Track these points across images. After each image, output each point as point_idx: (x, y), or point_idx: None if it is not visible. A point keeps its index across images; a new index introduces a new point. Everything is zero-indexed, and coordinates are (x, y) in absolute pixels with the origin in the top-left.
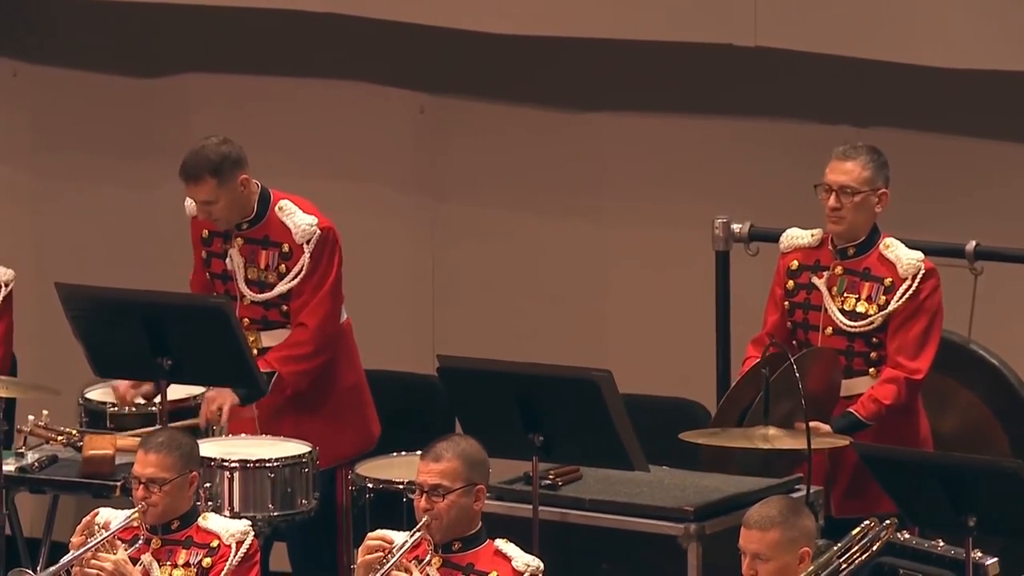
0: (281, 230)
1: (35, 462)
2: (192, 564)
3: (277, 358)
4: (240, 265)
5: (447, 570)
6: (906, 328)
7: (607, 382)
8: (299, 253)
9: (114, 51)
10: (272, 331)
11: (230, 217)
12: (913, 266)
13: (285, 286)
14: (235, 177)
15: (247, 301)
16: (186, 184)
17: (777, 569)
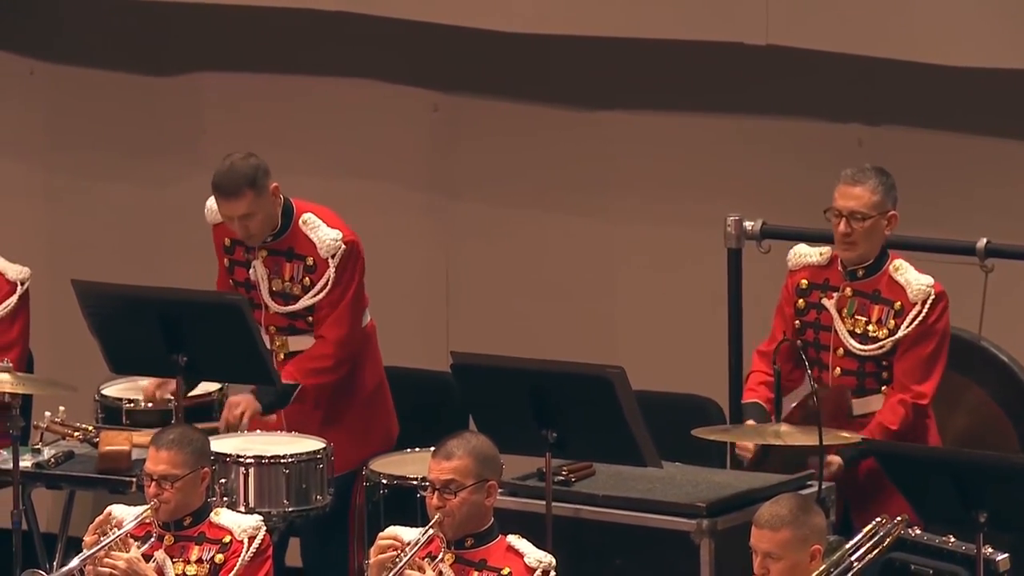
0: (305, 243)
1: (52, 458)
2: (205, 560)
3: (301, 370)
4: (264, 277)
5: (460, 566)
6: (914, 351)
7: (620, 379)
8: (324, 267)
9: (129, 50)
10: (299, 336)
11: (265, 230)
12: (923, 291)
13: (310, 300)
14: (268, 187)
15: (270, 310)
16: (225, 200)
17: (788, 567)
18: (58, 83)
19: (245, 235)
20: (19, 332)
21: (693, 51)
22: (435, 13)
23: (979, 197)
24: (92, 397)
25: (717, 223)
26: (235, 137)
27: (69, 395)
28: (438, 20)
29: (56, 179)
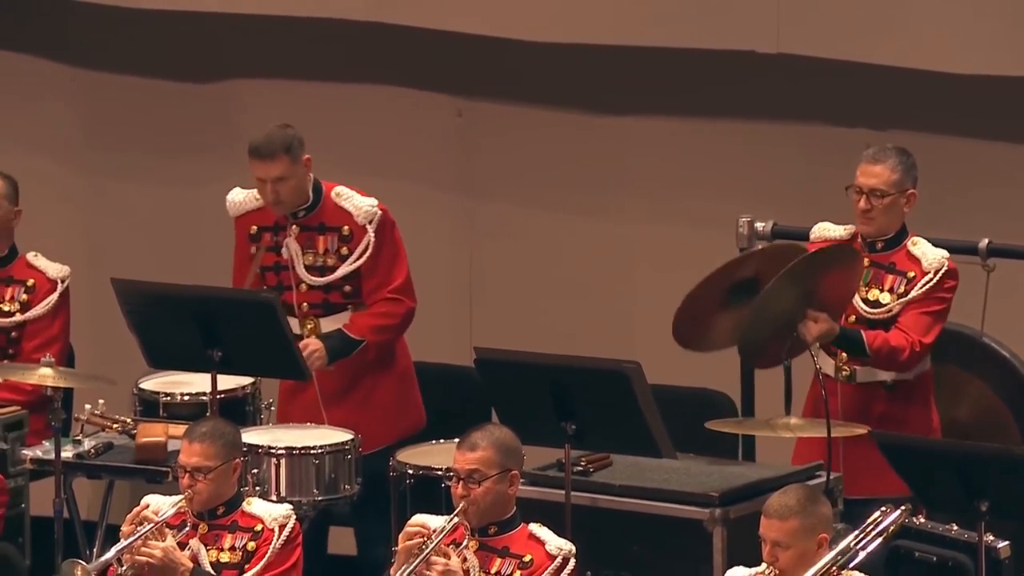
0: (338, 214)
1: (91, 449)
2: (237, 548)
3: (369, 327)
4: (297, 252)
5: (483, 553)
6: (918, 308)
7: (637, 373)
8: (361, 234)
9: (165, 58)
10: (333, 315)
11: (295, 199)
12: (938, 261)
13: (350, 266)
14: (302, 157)
15: (304, 288)
16: (261, 162)
17: (797, 555)
18: (97, 90)
19: (275, 200)
20: (60, 328)
21: (706, 59)
22: (459, 23)
23: (981, 198)
24: (130, 391)
25: (729, 224)
26: None
27: (108, 389)
28: (462, 30)
29: (96, 181)
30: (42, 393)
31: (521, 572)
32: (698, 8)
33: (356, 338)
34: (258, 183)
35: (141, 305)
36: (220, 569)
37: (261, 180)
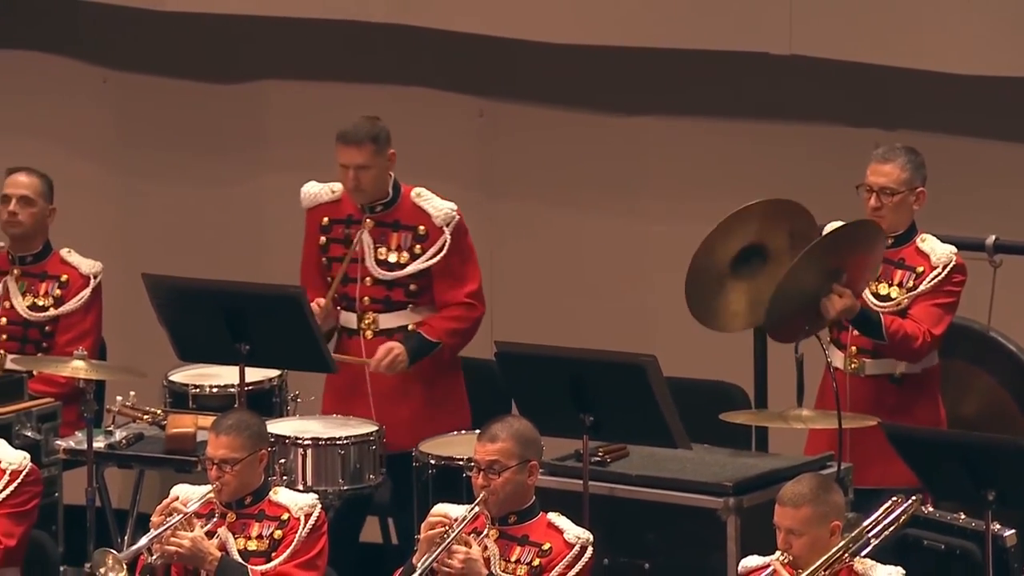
0: (416, 214)
1: (123, 439)
2: (264, 536)
3: (445, 330)
4: (370, 246)
5: (503, 542)
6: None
7: (653, 366)
8: (437, 235)
9: (195, 59)
10: (392, 313)
11: (374, 190)
12: (946, 256)
13: (422, 264)
14: (387, 148)
15: (369, 281)
16: (346, 147)
17: (810, 543)
18: (129, 91)
19: (355, 187)
20: (93, 322)
21: (720, 60)
22: (480, 25)
23: (988, 197)
24: (160, 383)
25: None
26: (295, 141)
27: (139, 381)
28: (483, 32)
29: (128, 180)
30: (75, 385)
31: (540, 560)
32: (713, 11)
33: (433, 340)
34: (341, 170)
35: (171, 300)
36: (248, 557)
37: (344, 166)
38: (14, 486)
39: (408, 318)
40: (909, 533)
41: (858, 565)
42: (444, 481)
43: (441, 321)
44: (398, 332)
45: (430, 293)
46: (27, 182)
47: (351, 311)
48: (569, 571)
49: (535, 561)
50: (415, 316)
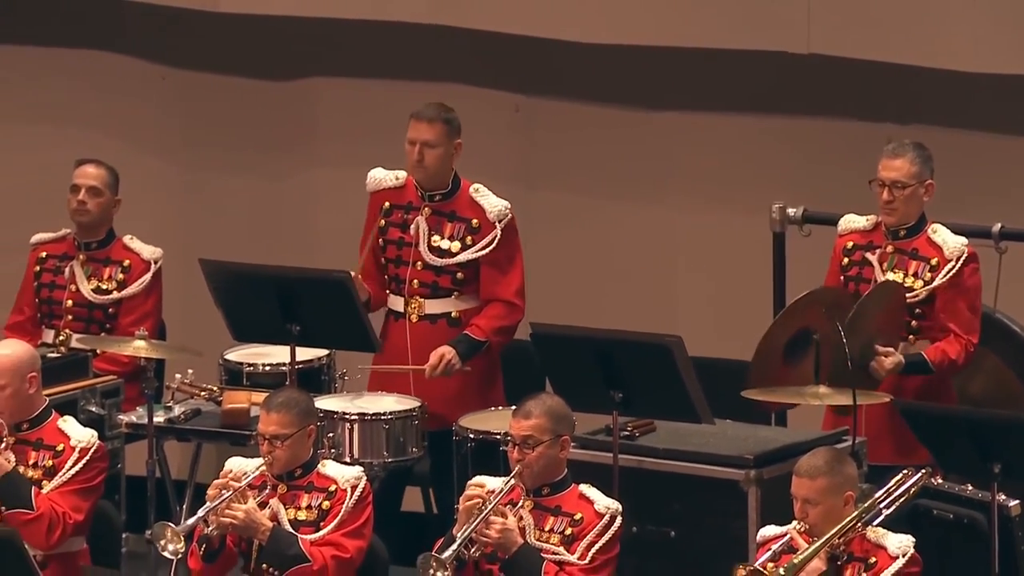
0: (471, 207)
1: (181, 414)
2: (313, 507)
3: (491, 329)
4: (424, 232)
5: (538, 512)
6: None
7: (678, 346)
8: (489, 229)
9: (250, 58)
10: (437, 299)
11: (436, 170)
12: (958, 249)
13: (472, 255)
14: (455, 137)
15: (420, 266)
16: (418, 123)
17: (825, 512)
18: (188, 88)
19: (418, 161)
20: (153, 305)
21: (743, 59)
22: (517, 26)
23: (995, 187)
24: (217, 361)
25: (763, 210)
26: (344, 135)
27: (197, 359)
28: (520, 32)
29: (188, 172)
30: (136, 363)
31: (572, 529)
32: (735, 12)
33: (481, 339)
34: (408, 146)
35: (226, 283)
36: (297, 526)
37: (412, 142)
38: (83, 463)
39: (452, 305)
40: (920, 503)
41: (871, 533)
42: (482, 454)
43: (486, 321)
44: (441, 318)
45: (475, 284)
46: (95, 173)
47: (399, 295)
48: (599, 539)
49: (567, 530)
50: (458, 304)
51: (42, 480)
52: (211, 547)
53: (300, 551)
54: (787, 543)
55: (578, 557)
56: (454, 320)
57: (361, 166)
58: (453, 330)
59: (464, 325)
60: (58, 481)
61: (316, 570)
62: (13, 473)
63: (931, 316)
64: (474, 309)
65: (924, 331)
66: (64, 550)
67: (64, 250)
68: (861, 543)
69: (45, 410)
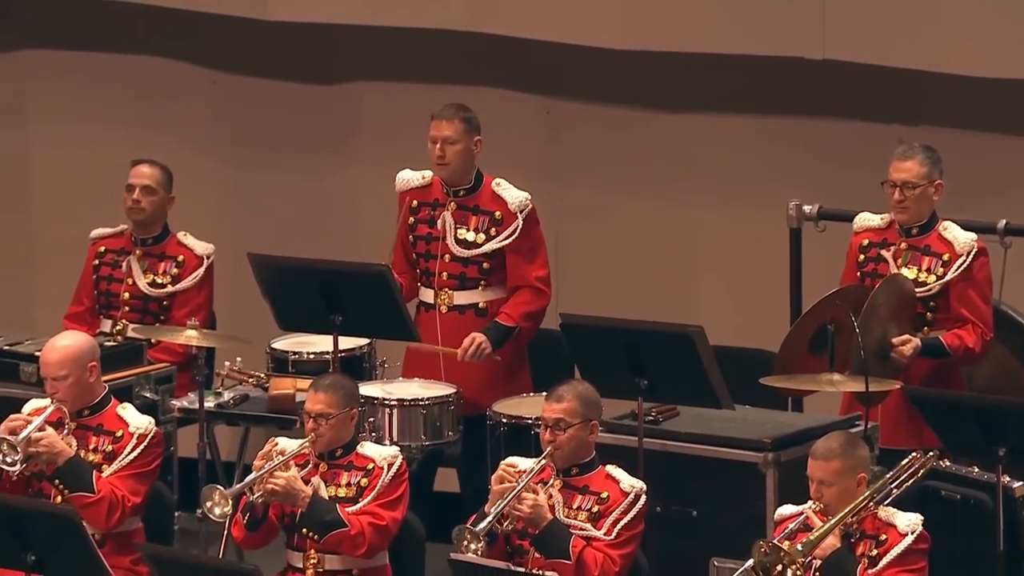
0: (494, 200)
1: (230, 400)
2: (352, 484)
3: (520, 314)
4: (451, 226)
5: (567, 491)
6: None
7: (700, 336)
8: (511, 220)
9: (296, 63)
10: (465, 290)
11: (459, 167)
12: (968, 244)
13: (496, 244)
14: (474, 134)
15: (448, 258)
16: (438, 121)
17: (839, 492)
18: (237, 92)
19: (440, 157)
20: (205, 297)
21: (761, 64)
22: (547, 32)
23: (999, 185)
24: (264, 350)
25: (780, 207)
26: (384, 135)
27: (245, 348)
28: (550, 39)
29: (237, 172)
30: (188, 352)
31: (599, 507)
32: (753, 19)
33: (511, 325)
34: (430, 145)
35: (273, 276)
36: (338, 502)
37: (433, 140)
38: (141, 448)
39: (479, 296)
40: (928, 484)
41: (882, 512)
42: (514, 438)
43: (514, 307)
44: (469, 309)
45: (501, 274)
46: (150, 173)
47: (429, 287)
48: (625, 516)
49: (594, 508)
50: (485, 295)
51: (102, 464)
52: (255, 516)
53: (338, 517)
54: (803, 521)
55: (604, 533)
56: (481, 310)
57: (399, 164)
58: (480, 320)
59: (491, 315)
60: (117, 466)
61: (353, 535)
62: (75, 458)
63: (944, 309)
64: (500, 300)
65: (939, 323)
66: (121, 529)
67: (121, 245)
68: (873, 521)
69: (105, 397)
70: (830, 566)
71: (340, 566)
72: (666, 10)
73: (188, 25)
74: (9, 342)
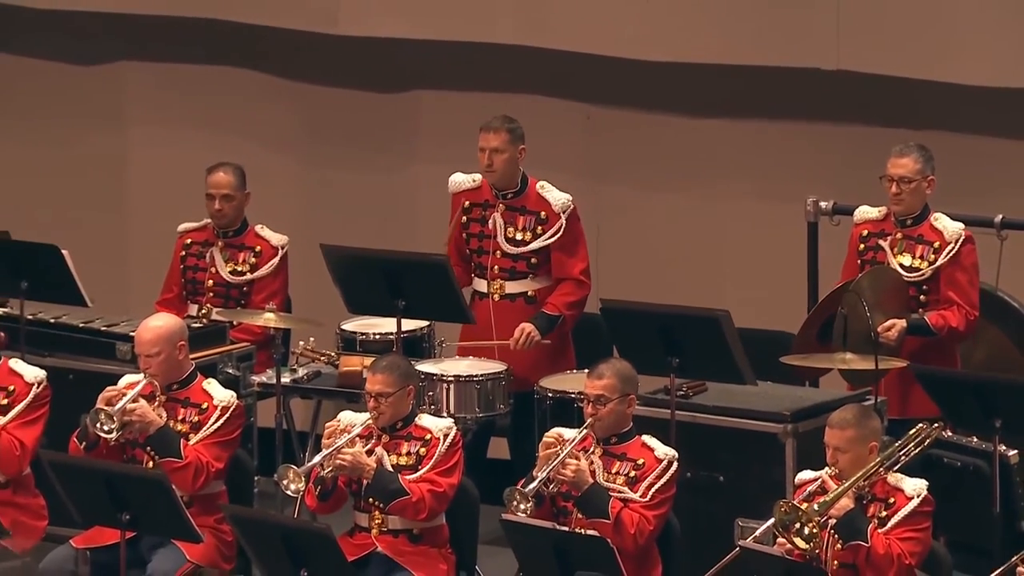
0: (539, 202)
1: (304, 376)
2: (412, 453)
3: (564, 303)
4: (500, 225)
5: (606, 458)
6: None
7: (726, 319)
8: (555, 219)
9: (363, 73)
10: (515, 281)
11: (505, 173)
12: (956, 232)
13: (542, 242)
14: (519, 143)
15: (499, 254)
16: (485, 133)
17: (852, 459)
18: (310, 98)
19: (488, 166)
20: (281, 283)
21: (781, 74)
22: (589, 46)
23: (996, 183)
24: (334, 331)
25: (799, 203)
26: (442, 138)
27: (318, 329)
28: (590, 51)
29: (310, 171)
30: (267, 333)
31: (635, 472)
32: (775, 33)
33: (555, 314)
34: (480, 154)
35: (343, 265)
36: (399, 470)
37: (482, 150)
38: (224, 419)
39: (528, 286)
40: (932, 453)
41: (891, 477)
42: (559, 410)
43: (559, 297)
44: (519, 297)
45: (547, 266)
46: (225, 180)
47: (483, 278)
48: (658, 481)
49: (631, 473)
50: (533, 284)
51: (189, 433)
52: (325, 488)
53: (400, 486)
54: (820, 485)
55: (640, 495)
56: (530, 298)
57: (455, 163)
58: (529, 307)
59: (539, 302)
60: (203, 434)
61: (414, 502)
62: (165, 427)
63: (936, 292)
64: (547, 288)
65: (931, 305)
66: (206, 492)
67: (205, 237)
68: (882, 486)
69: (192, 373)
70: (844, 525)
71: (402, 525)
72: (694, 25)
73: (267, 39)
74: (106, 323)
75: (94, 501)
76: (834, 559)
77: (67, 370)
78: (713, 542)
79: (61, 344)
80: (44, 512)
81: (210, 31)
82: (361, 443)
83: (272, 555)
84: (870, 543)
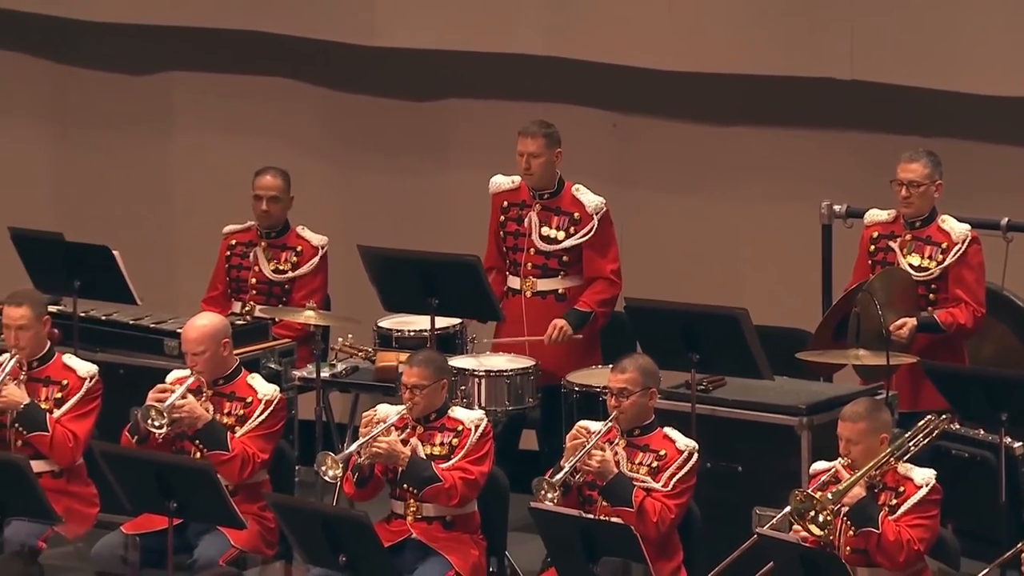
0: (574, 203)
1: (343, 370)
2: (444, 443)
3: (596, 301)
4: (535, 224)
5: (630, 449)
6: (964, 277)
7: (744, 317)
8: (588, 220)
9: (397, 82)
10: (547, 278)
11: (542, 175)
12: (963, 234)
13: (575, 241)
14: (556, 147)
15: (533, 251)
16: (523, 138)
17: (864, 450)
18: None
19: (525, 169)
20: (321, 282)
21: (797, 83)
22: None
23: (1002, 187)
24: (371, 328)
25: (814, 206)
26: (473, 145)
27: (355, 326)
28: (617, 62)
29: (348, 175)
30: (307, 329)
31: (657, 463)
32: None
33: (587, 311)
34: (518, 157)
35: (379, 265)
36: (432, 459)
37: (520, 154)
38: (268, 412)
39: (559, 284)
40: (940, 444)
41: (900, 467)
42: (585, 404)
43: (590, 295)
44: (550, 294)
45: (578, 266)
46: (273, 183)
47: (516, 275)
48: (680, 471)
49: (654, 463)
50: (564, 283)
51: (234, 426)
52: (362, 475)
53: (433, 473)
54: (833, 475)
55: (662, 485)
56: (561, 296)
57: (486, 170)
58: (560, 304)
59: (569, 300)
60: (248, 427)
61: (447, 488)
62: (213, 421)
63: (944, 290)
64: (578, 287)
65: (940, 303)
66: (251, 481)
67: (249, 238)
68: (893, 475)
69: (236, 368)
70: (856, 512)
71: (435, 513)
72: (715, 37)
73: (306, 50)
74: (155, 321)
75: (143, 490)
76: (847, 545)
77: (118, 365)
78: (731, 529)
79: (112, 340)
80: (96, 500)
81: (253, 43)
82: (396, 433)
83: (312, 541)
84: (881, 530)
